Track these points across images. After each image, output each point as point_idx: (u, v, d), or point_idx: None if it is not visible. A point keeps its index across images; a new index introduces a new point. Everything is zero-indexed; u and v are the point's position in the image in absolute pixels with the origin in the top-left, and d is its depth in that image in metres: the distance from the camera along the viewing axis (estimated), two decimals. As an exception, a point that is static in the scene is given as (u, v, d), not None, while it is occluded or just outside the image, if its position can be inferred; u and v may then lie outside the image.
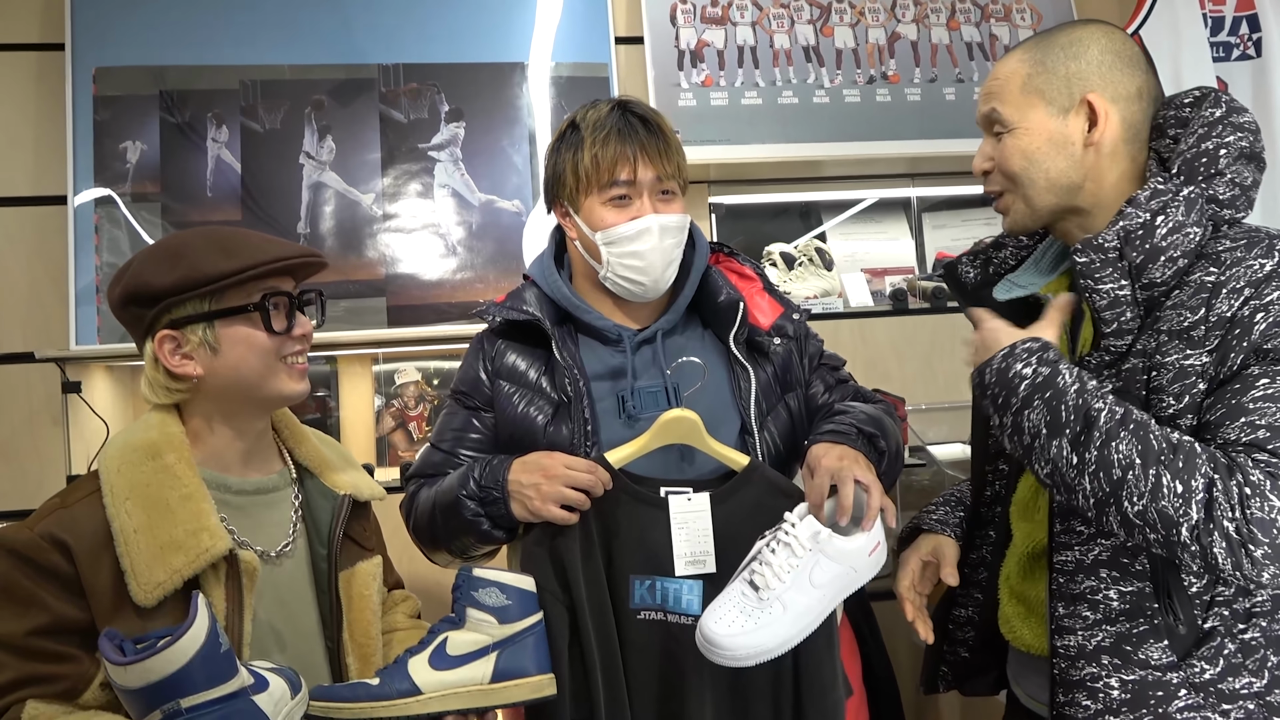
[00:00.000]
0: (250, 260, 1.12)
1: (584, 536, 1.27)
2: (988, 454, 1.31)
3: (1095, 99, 1.12)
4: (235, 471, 1.19)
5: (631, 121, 1.35)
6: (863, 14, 2.48)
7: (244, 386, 1.15)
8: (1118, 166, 1.14)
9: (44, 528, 1.06)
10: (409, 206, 2.30)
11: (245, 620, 1.09)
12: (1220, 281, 1.04)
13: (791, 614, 1.14)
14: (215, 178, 2.22)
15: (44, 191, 2.20)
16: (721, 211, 2.55)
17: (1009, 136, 1.16)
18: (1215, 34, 2.47)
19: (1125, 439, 0.99)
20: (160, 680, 0.93)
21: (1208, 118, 1.12)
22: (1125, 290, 1.08)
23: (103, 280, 2.14)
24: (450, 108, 2.33)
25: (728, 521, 1.29)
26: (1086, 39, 1.15)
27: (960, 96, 2.48)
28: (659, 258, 1.34)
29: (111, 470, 1.10)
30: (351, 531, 1.25)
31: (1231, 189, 1.09)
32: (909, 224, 2.70)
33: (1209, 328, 1.03)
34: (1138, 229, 1.06)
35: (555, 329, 1.38)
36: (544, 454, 1.29)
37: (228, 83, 2.25)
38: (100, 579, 1.05)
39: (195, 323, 1.12)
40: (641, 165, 1.33)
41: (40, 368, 2.15)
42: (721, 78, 2.39)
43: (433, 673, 1.14)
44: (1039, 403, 1.04)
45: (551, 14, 2.41)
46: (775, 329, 1.41)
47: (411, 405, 2.40)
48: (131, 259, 1.16)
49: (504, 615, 1.18)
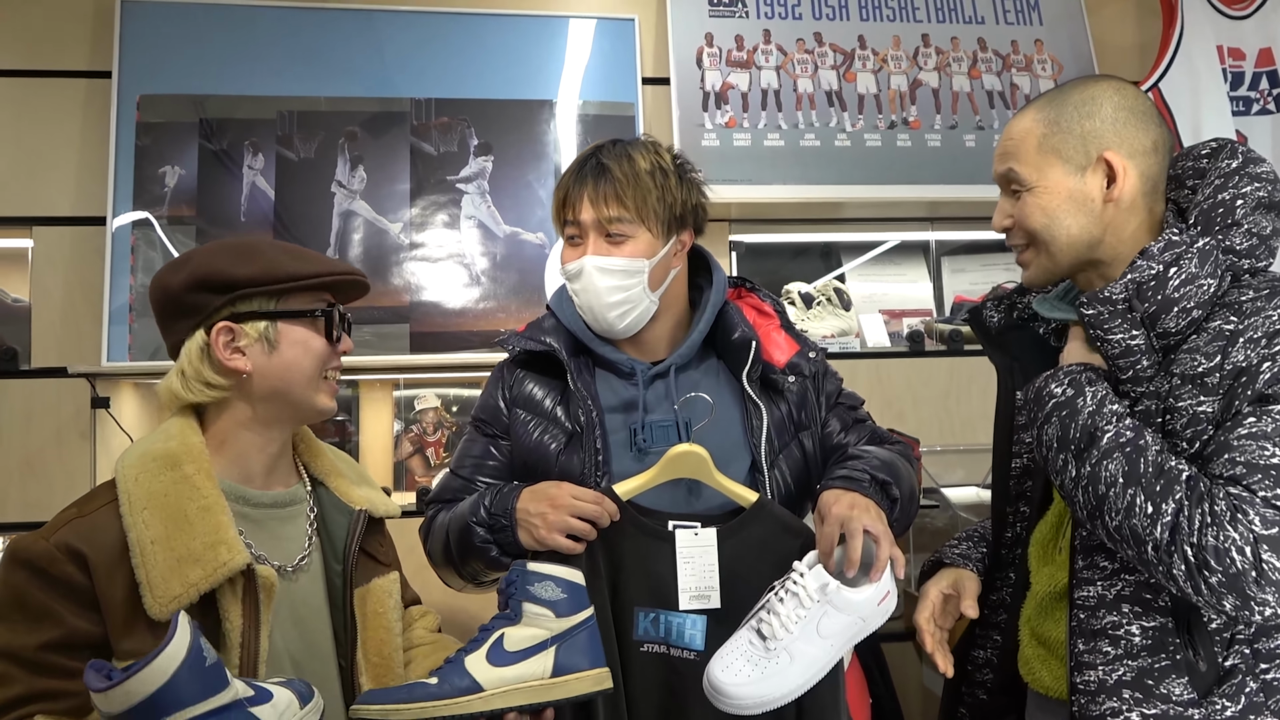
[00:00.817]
0: (321, 268, 1.17)
1: (590, 567, 1.26)
2: (1008, 496, 1.32)
3: (1112, 156, 1.13)
4: (255, 483, 1.18)
5: (589, 164, 1.39)
6: (885, 61, 2.53)
7: (286, 391, 1.16)
8: (1135, 218, 1.15)
9: (60, 538, 1.03)
10: (435, 236, 2.35)
11: (262, 636, 1.07)
12: (1238, 330, 1.05)
13: (799, 664, 1.15)
14: (249, 203, 2.29)
15: (84, 212, 2.26)
16: (742, 250, 2.59)
17: (1028, 195, 1.17)
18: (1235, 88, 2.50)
19: (1117, 459, 1.04)
20: (143, 700, 0.87)
21: (1224, 168, 1.14)
22: (1138, 340, 1.09)
23: (137, 299, 2.20)
24: (479, 142, 2.39)
25: (734, 558, 1.29)
26: (1099, 96, 1.16)
27: (980, 143, 2.51)
28: (594, 299, 1.37)
29: (129, 479, 1.07)
30: (368, 547, 1.24)
31: (1249, 239, 1.10)
32: (927, 267, 2.72)
33: (1223, 376, 1.04)
34: (1150, 280, 1.08)
35: (571, 360, 1.40)
36: (552, 484, 1.30)
37: (265, 113, 2.32)
38: (115, 591, 1.03)
39: (258, 319, 1.13)
40: (584, 207, 1.36)
41: (71, 383, 2.20)
42: (745, 119, 2.44)
43: (492, 669, 1.11)
44: (1056, 419, 1.10)
45: (581, 54, 2.47)
46: (790, 367, 1.41)
47: (430, 431, 2.43)
48: (191, 253, 1.17)
49: (560, 609, 1.17)
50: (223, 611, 1.06)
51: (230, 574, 1.05)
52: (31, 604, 1.02)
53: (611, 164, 1.38)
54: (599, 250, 1.37)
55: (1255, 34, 2.54)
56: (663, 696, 1.27)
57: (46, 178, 2.28)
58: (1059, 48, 2.58)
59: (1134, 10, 2.73)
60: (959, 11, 2.59)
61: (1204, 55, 2.46)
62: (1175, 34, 2.49)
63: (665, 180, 1.39)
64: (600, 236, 1.37)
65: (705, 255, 1.50)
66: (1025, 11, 2.61)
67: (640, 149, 1.42)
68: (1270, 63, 2.52)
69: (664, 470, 1.30)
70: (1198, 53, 2.46)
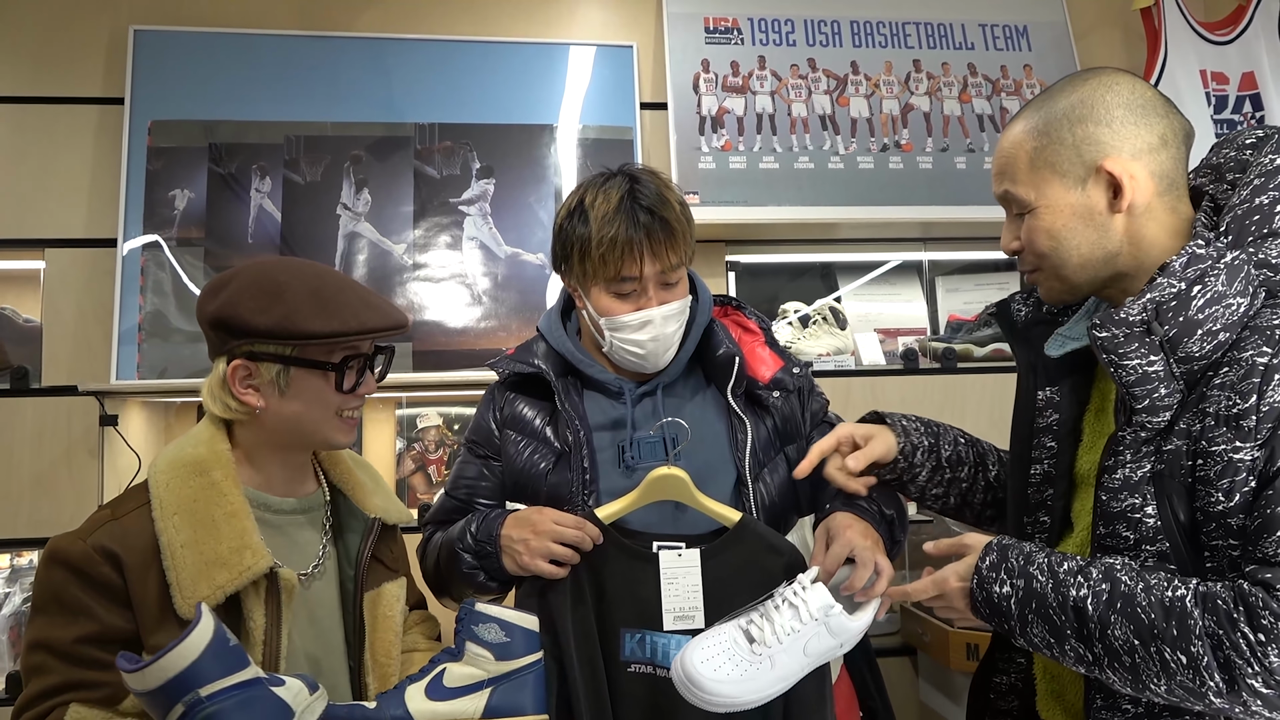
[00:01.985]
0: (341, 326, 1.14)
1: (574, 590, 1.28)
2: (1027, 505, 1.20)
3: (1112, 164, 1.01)
4: (276, 490, 1.23)
5: (638, 214, 1.34)
6: (878, 86, 2.59)
7: (297, 429, 1.20)
8: (1155, 222, 1.03)
9: (96, 540, 1.09)
10: (438, 257, 2.40)
11: (283, 636, 1.13)
12: (1273, 364, 0.93)
13: (777, 673, 1.15)
14: (256, 225, 2.34)
15: (96, 234, 2.32)
16: (739, 270, 2.63)
17: (1030, 217, 1.07)
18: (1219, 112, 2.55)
19: (1118, 622, 0.95)
20: (175, 675, 0.95)
21: (1266, 166, 1.01)
22: (1157, 365, 0.98)
23: (146, 319, 2.25)
24: (481, 165, 2.45)
25: (717, 577, 1.29)
26: (1090, 97, 1.04)
27: (971, 165, 2.56)
28: (659, 345, 1.39)
29: (161, 485, 1.13)
30: (379, 553, 1.28)
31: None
32: (922, 287, 2.77)
33: (1260, 418, 0.92)
34: (1170, 300, 0.96)
35: (559, 381, 1.42)
36: (535, 510, 1.32)
37: (273, 137, 2.38)
38: (147, 591, 1.08)
39: (272, 361, 1.15)
40: (648, 262, 1.35)
41: (81, 402, 2.24)
42: (741, 143, 2.50)
43: (426, 702, 1.14)
44: (1032, 616, 1.01)
45: (581, 79, 2.53)
46: (774, 382, 1.43)
47: (432, 449, 2.46)
48: (233, 275, 1.18)
49: (502, 652, 1.18)
50: (246, 611, 1.11)
51: (254, 577, 1.11)
52: (68, 601, 1.08)
53: (661, 211, 1.36)
54: (662, 300, 1.37)
55: (1238, 58, 2.60)
56: (650, 716, 1.28)
57: (59, 201, 2.33)
58: (1047, 73, 2.64)
59: (1120, 35, 2.79)
60: (949, 38, 2.65)
61: (1188, 79, 2.52)
62: (1160, 59, 2.55)
63: (689, 214, 1.42)
64: (658, 286, 1.37)
65: (692, 274, 1.52)
66: (1014, 38, 2.68)
67: (664, 186, 1.41)
68: (1253, 86, 2.57)
69: (645, 493, 1.31)
70: (1181, 77, 2.52)
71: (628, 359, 1.41)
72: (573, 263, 1.40)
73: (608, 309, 1.38)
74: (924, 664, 2.36)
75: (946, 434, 1.36)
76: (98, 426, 2.24)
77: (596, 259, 1.35)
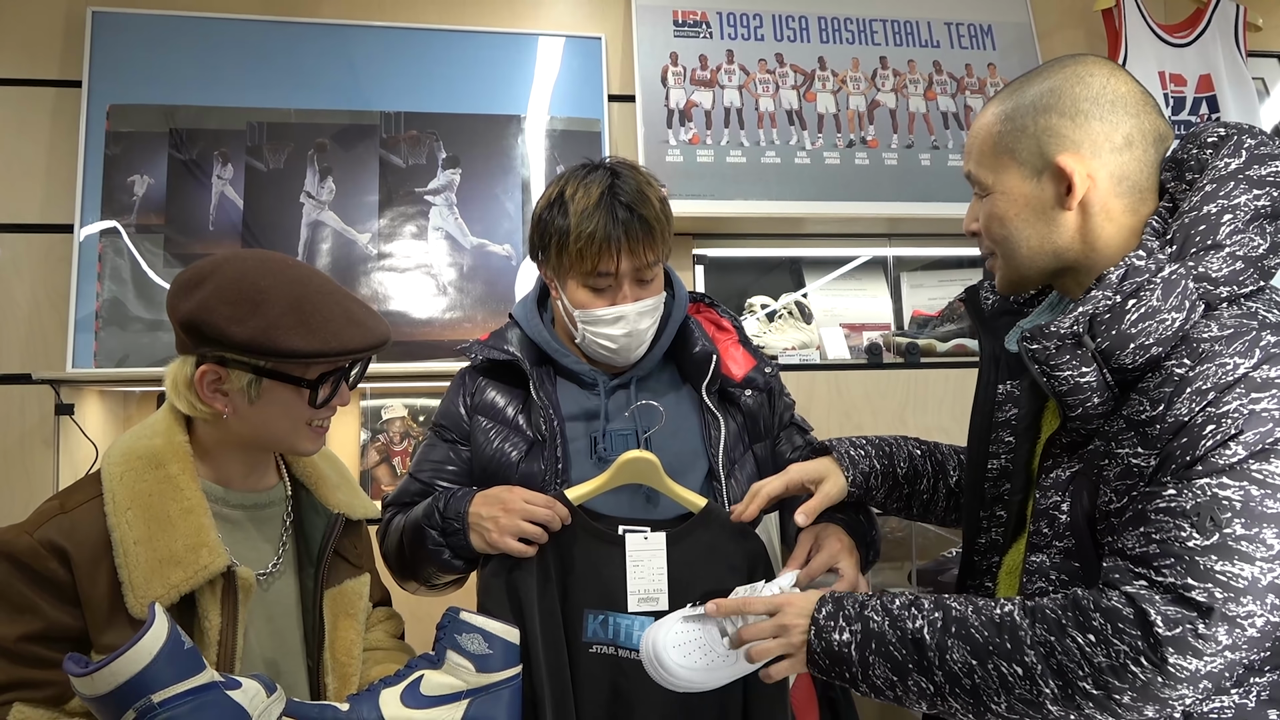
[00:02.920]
0: (324, 346, 1.08)
1: (541, 570, 1.28)
2: (983, 499, 1.20)
3: (1067, 161, 1.00)
4: (235, 485, 1.19)
5: (617, 211, 1.34)
6: (844, 82, 2.61)
7: (263, 437, 1.16)
8: (1112, 223, 1.02)
9: (43, 534, 1.05)
10: (403, 247, 2.38)
11: (239, 637, 1.09)
12: (1188, 378, 0.92)
13: (740, 668, 1.17)
14: (218, 213, 2.31)
15: (52, 220, 2.27)
16: (706, 263, 2.64)
17: (988, 200, 1.07)
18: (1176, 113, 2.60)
19: (954, 645, 0.97)
20: (127, 681, 0.92)
21: (1220, 170, 0.99)
22: (1090, 376, 0.98)
23: (103, 307, 2.21)
24: (448, 155, 2.43)
25: (682, 561, 1.31)
26: (1060, 87, 1.02)
27: (935, 162, 2.59)
28: (631, 341, 1.39)
29: (114, 478, 1.09)
30: (342, 549, 1.25)
31: (1230, 263, 0.95)
32: (887, 283, 2.80)
33: (1162, 428, 0.93)
34: (1104, 313, 0.96)
35: (534, 369, 1.42)
36: (505, 488, 1.32)
37: (235, 123, 2.35)
38: (97, 588, 1.04)
39: (244, 370, 1.10)
40: (625, 258, 1.35)
41: (35, 390, 2.20)
42: (708, 136, 2.51)
43: (402, 708, 1.12)
44: (873, 657, 1.01)
45: (549, 71, 2.52)
46: (747, 381, 1.45)
47: (397, 441, 2.45)
48: (211, 271, 1.10)
49: (483, 664, 1.16)
50: (202, 610, 1.08)
51: (210, 576, 1.07)
52: (14, 597, 1.04)
53: (640, 209, 1.36)
54: (636, 296, 1.38)
55: (1196, 61, 2.65)
56: (610, 697, 1.29)
57: (13, 185, 2.28)
58: (1010, 71, 2.67)
59: (1083, 36, 2.84)
60: (915, 36, 2.68)
61: (1147, 80, 2.56)
62: (1120, 59, 2.60)
63: (668, 211, 1.41)
64: (633, 283, 1.37)
65: (668, 270, 1.53)
66: (979, 36, 2.71)
67: (644, 183, 1.40)
68: (1210, 89, 2.63)
69: (615, 475, 1.32)
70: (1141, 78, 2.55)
71: (599, 352, 1.42)
72: (550, 254, 1.40)
73: (582, 302, 1.38)
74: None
75: (900, 450, 1.35)
76: (53, 416, 2.20)
77: (574, 253, 1.35)
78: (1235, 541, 0.88)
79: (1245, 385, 0.90)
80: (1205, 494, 0.89)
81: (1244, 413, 0.89)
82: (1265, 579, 0.88)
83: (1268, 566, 0.88)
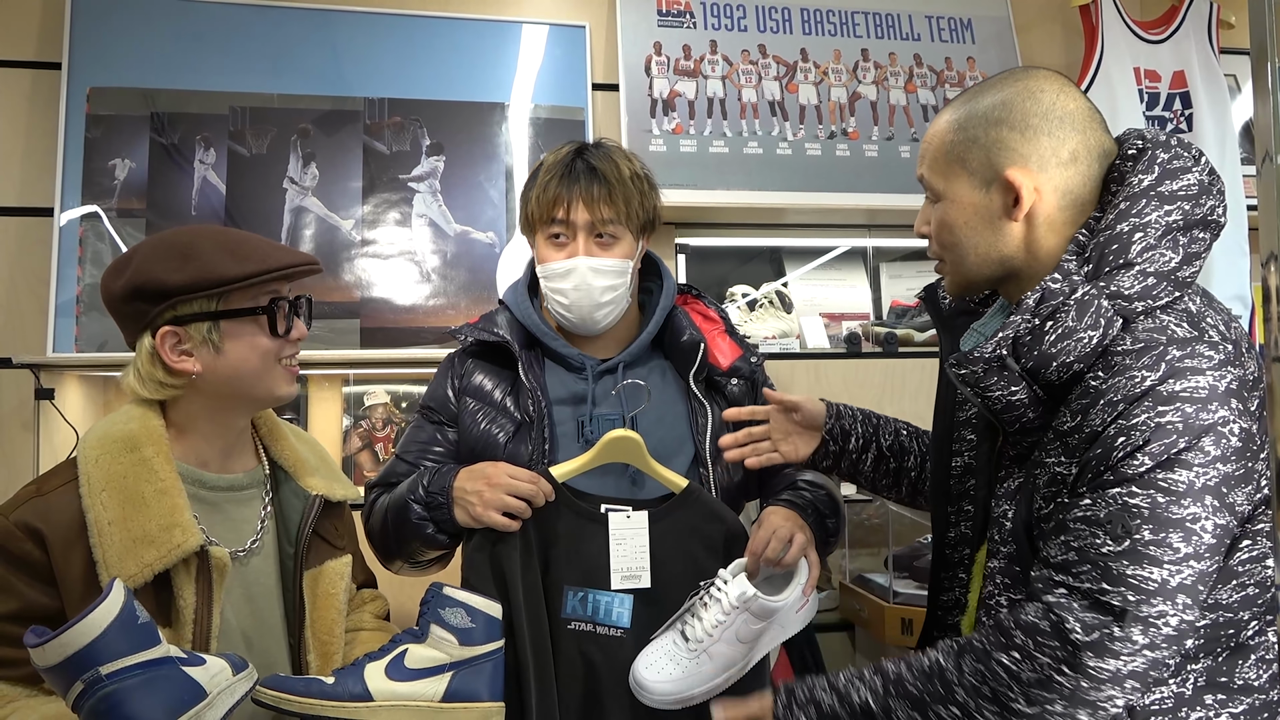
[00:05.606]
0: (260, 266, 1.14)
1: (524, 546, 1.31)
2: (949, 495, 1.24)
3: (1015, 175, 1.03)
4: (212, 467, 1.21)
5: (578, 166, 1.41)
6: (826, 74, 2.63)
7: (240, 386, 1.18)
8: (1055, 235, 1.05)
9: (19, 516, 1.07)
10: (387, 234, 2.39)
11: (214, 615, 1.11)
12: (1101, 390, 0.96)
13: (718, 664, 1.22)
14: (200, 198, 2.30)
15: (31, 203, 2.25)
16: (688, 253, 2.66)
17: (939, 206, 1.10)
18: (1150, 109, 2.64)
19: (897, 705, 1.01)
20: (77, 652, 0.92)
21: (1133, 187, 1.02)
22: (1019, 393, 1.02)
23: (84, 291, 2.20)
24: (431, 142, 2.43)
25: (663, 540, 1.35)
26: (1012, 100, 1.05)
27: (915, 154, 2.62)
28: (583, 297, 1.41)
29: (89, 460, 1.11)
30: (322, 530, 1.27)
31: (1141, 280, 0.99)
32: (866, 273, 2.83)
33: (1080, 438, 0.97)
34: (1025, 335, 1.01)
35: (523, 352, 1.44)
36: (489, 464, 1.34)
37: (218, 108, 2.33)
38: (72, 568, 1.06)
39: (200, 320, 1.13)
40: (577, 209, 1.39)
41: (14, 374, 2.19)
42: (691, 126, 2.52)
43: (387, 682, 1.15)
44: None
45: (533, 59, 2.53)
46: (732, 370, 1.48)
47: (379, 427, 2.46)
48: (133, 251, 1.16)
49: (466, 637, 1.19)
50: (177, 589, 1.10)
51: (184, 555, 1.09)
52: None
53: (601, 167, 1.41)
54: (590, 251, 1.40)
55: (1170, 57, 2.69)
56: (588, 672, 1.32)
57: (-9, 168, 2.26)
58: (989, 65, 2.71)
59: (1060, 31, 2.87)
60: (896, 29, 2.70)
61: (1122, 76, 2.60)
62: (1096, 55, 2.64)
63: (641, 185, 1.45)
64: (590, 238, 1.41)
65: (656, 259, 1.55)
66: (959, 30, 2.74)
67: (619, 154, 1.46)
68: (1183, 85, 2.67)
69: (600, 454, 1.35)
70: (1116, 74, 2.60)
71: (558, 314, 1.45)
72: (524, 215, 1.46)
73: (543, 257, 1.44)
74: (861, 639, 2.44)
75: (887, 425, 1.41)
76: (33, 400, 2.19)
77: (534, 203, 1.42)
78: (1144, 546, 0.92)
79: (1152, 399, 0.93)
80: (1116, 502, 0.93)
81: (1151, 425, 0.93)
82: (1174, 580, 0.92)
83: (1175, 569, 0.92)
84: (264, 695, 1.09)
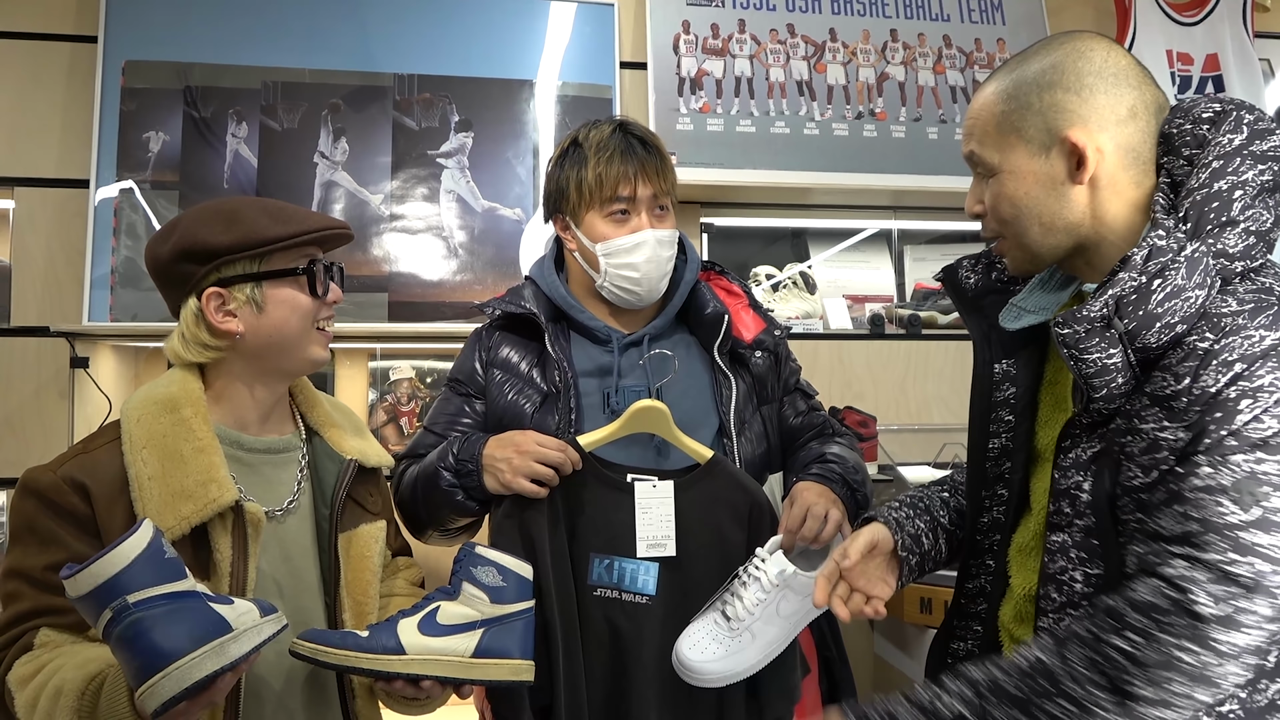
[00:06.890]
0: (300, 227, 1.20)
1: (551, 513, 1.33)
2: (985, 478, 1.19)
3: (1077, 134, 1.00)
4: (250, 430, 1.25)
5: (632, 142, 1.44)
6: (854, 54, 2.62)
7: (280, 347, 1.22)
8: (1119, 197, 1.02)
9: (66, 471, 1.12)
10: (415, 209, 2.41)
11: (250, 568, 1.16)
12: (1213, 350, 0.92)
13: (760, 641, 1.24)
14: (232, 171, 2.33)
15: (67, 175, 2.29)
16: (713, 232, 2.67)
17: (994, 181, 1.06)
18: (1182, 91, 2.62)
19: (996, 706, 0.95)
20: (106, 581, 0.95)
21: (1224, 146, 0.99)
22: (1116, 357, 0.98)
23: (119, 263, 2.24)
24: (460, 118, 2.45)
25: (689, 509, 1.37)
26: (1062, 63, 1.02)
27: (943, 136, 2.61)
28: (654, 269, 1.43)
29: (131, 420, 1.16)
30: (356, 495, 1.30)
31: (1245, 239, 0.96)
32: (890, 255, 2.83)
33: (1190, 400, 0.92)
34: (1130, 294, 0.96)
35: (550, 325, 1.46)
36: (518, 432, 1.36)
37: (250, 82, 2.36)
38: (114, 521, 1.11)
39: (243, 282, 1.19)
40: (641, 183, 1.42)
41: (51, 343, 2.23)
42: (719, 105, 2.52)
43: (420, 637, 1.18)
44: None
45: (561, 36, 2.54)
46: (757, 343, 1.49)
47: (404, 401, 2.49)
48: (177, 220, 1.22)
49: (497, 595, 1.22)
50: (213, 543, 1.14)
51: (219, 509, 1.13)
52: (40, 529, 1.11)
53: (653, 141, 1.46)
54: (654, 224, 1.44)
55: (1203, 40, 2.66)
56: (614, 639, 1.35)
57: (30, 140, 2.30)
58: (1019, 47, 2.64)
59: (1092, 13, 2.85)
60: (926, 9, 2.69)
61: (1154, 59, 2.58)
62: (1128, 37, 2.61)
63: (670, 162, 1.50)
64: (650, 212, 1.44)
65: (680, 234, 1.57)
66: (989, 11, 2.72)
67: (648, 133, 1.49)
68: (1216, 68, 2.64)
69: (627, 424, 1.36)
70: (1148, 56, 2.58)
71: (621, 290, 1.45)
72: (568, 195, 1.45)
73: (603, 234, 1.44)
74: (879, 617, 2.45)
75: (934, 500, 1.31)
76: (68, 368, 2.24)
77: (593, 181, 1.42)
78: (1275, 514, 0.89)
79: (1276, 357, 0.91)
80: (1243, 470, 0.90)
81: (1277, 385, 0.90)
82: None
83: None
84: (301, 647, 1.14)
